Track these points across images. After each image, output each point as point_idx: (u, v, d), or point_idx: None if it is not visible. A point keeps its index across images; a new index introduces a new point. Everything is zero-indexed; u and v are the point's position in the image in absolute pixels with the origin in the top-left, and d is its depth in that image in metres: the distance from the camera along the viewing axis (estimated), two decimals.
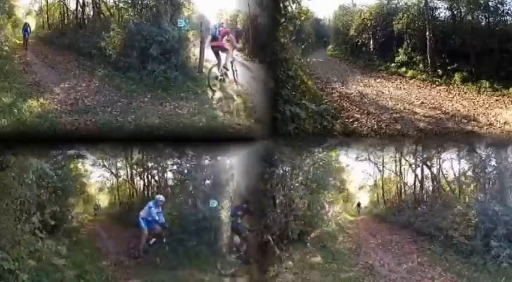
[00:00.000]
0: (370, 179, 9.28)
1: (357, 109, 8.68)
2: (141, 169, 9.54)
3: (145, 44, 8.73)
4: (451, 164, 8.81)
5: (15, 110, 7.76)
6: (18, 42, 9.48)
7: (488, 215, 7.85)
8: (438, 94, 9.11)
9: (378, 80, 9.72)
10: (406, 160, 9.10)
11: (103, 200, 9.67)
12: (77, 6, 9.95)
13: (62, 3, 9.98)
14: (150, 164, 9.39)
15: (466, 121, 8.31)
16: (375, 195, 9.34)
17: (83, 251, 8.23)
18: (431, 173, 9.09)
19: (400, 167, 9.29)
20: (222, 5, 10.11)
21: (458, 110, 8.60)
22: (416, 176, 9.20)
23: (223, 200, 8.19)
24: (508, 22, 8.99)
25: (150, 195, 9.56)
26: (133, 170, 9.67)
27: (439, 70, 9.38)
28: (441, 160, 8.91)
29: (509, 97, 8.70)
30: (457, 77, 9.20)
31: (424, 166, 9.12)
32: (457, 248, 8.01)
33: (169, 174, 9.24)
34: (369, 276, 7.37)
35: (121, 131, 7.78)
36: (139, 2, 9.11)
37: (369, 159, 8.95)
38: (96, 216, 9.52)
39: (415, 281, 7.43)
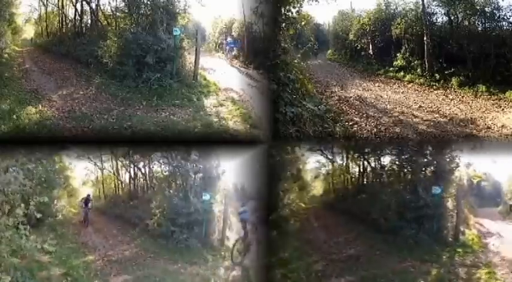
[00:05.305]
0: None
1: (356, 112, 8.74)
2: (127, 161, 9.79)
3: (141, 52, 8.76)
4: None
5: (14, 117, 7.71)
6: (17, 49, 9.50)
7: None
8: (436, 98, 9.20)
9: (377, 84, 9.85)
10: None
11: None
12: (75, 15, 10.03)
13: (60, 11, 10.01)
14: (135, 157, 9.60)
15: (464, 124, 8.36)
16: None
17: (68, 246, 8.34)
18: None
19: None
20: (217, 14, 10.28)
21: (456, 114, 8.66)
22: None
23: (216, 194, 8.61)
24: (504, 27, 9.13)
25: (136, 187, 9.91)
26: (119, 162, 9.92)
27: (436, 74, 9.50)
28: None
29: (506, 101, 8.80)
30: (454, 81, 9.32)
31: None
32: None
33: (157, 167, 9.53)
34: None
35: (118, 136, 7.77)
36: (136, 11, 9.14)
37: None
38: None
39: None
